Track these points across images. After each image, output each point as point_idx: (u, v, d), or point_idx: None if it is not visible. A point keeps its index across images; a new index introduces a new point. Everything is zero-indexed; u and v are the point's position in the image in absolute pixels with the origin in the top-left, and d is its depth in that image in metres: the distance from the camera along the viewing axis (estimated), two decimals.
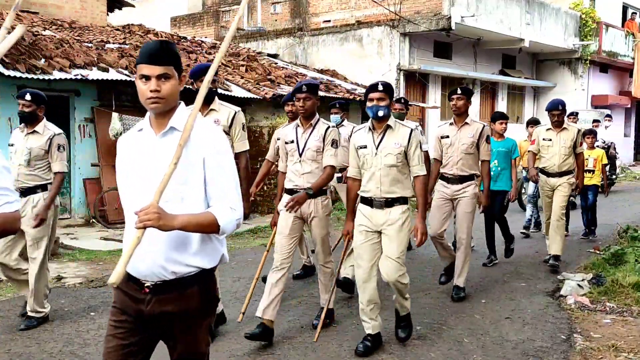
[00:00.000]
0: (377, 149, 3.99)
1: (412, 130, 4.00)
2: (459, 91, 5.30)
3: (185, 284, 2.13)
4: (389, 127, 4.01)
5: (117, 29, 13.73)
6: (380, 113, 3.92)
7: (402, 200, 4.03)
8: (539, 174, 6.61)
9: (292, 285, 5.66)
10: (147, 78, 2.07)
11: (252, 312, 4.37)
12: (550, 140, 6.48)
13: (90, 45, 10.54)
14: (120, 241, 8.09)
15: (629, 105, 22.19)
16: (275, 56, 16.58)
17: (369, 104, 3.97)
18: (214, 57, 13.33)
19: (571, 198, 6.93)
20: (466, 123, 5.33)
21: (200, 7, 20.54)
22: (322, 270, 4.56)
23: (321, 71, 15.58)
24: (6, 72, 7.69)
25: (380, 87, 3.93)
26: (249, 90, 11.26)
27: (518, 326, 4.72)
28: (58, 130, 4.61)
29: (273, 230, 4.62)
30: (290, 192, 4.34)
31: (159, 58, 2.07)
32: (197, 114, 2.10)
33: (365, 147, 4.04)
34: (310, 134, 4.30)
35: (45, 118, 4.62)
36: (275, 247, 4.37)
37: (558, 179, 6.43)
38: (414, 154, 4.00)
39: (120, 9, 15.72)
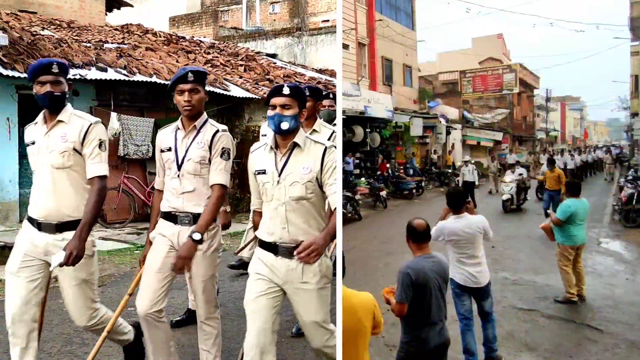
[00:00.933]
0: (279, 175, 2.91)
1: (325, 148, 2.93)
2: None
3: None
4: (296, 145, 2.93)
5: (116, 29, 13.75)
6: (284, 125, 2.86)
7: None
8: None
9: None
10: None
11: None
12: None
13: (88, 45, 10.54)
14: (120, 241, 8.09)
15: None
16: (274, 56, 16.60)
17: (270, 112, 2.92)
18: (212, 56, 13.36)
19: None
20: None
21: (198, 7, 20.58)
22: (202, 329, 3.38)
23: (320, 71, 15.60)
24: (4, 72, 7.69)
25: (286, 91, 2.89)
26: (248, 90, 11.28)
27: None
28: None
29: (140, 269, 3.41)
30: (168, 216, 3.30)
31: None
32: None
33: (264, 172, 2.96)
34: (192, 139, 3.26)
35: None
36: (140, 290, 3.27)
37: None
38: (331, 181, 2.89)
39: (118, 8, 15.76)
